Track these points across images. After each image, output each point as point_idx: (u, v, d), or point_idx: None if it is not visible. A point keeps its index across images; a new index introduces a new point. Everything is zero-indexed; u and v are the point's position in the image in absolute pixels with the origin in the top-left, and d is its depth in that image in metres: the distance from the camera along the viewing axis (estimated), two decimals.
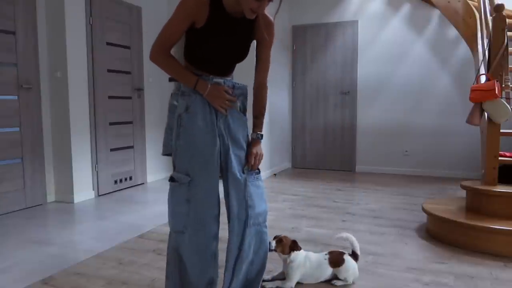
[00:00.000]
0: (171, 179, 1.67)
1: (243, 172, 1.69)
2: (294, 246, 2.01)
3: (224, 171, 1.70)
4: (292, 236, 2.82)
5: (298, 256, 2.03)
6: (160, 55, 1.62)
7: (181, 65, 1.66)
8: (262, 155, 1.74)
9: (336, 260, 2.07)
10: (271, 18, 1.73)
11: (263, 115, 1.79)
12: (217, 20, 1.59)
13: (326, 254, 2.10)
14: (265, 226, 1.75)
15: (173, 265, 1.70)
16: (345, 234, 2.15)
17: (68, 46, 3.75)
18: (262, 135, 1.76)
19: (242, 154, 1.71)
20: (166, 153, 1.76)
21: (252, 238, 1.70)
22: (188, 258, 1.66)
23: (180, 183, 1.64)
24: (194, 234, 1.65)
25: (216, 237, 1.69)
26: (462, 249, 2.58)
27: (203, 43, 1.62)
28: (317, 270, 2.06)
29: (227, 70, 1.72)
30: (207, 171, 1.64)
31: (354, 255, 2.11)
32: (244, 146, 1.72)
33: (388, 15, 5.39)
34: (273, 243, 1.97)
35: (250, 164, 1.69)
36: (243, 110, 1.75)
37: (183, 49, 1.71)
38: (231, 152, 1.67)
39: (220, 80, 1.66)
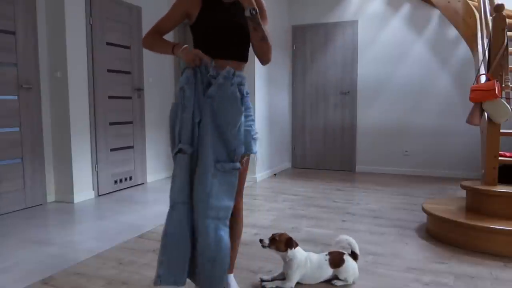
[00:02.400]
0: (180, 151, 1.68)
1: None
2: (289, 242, 2.00)
3: (197, 153, 1.69)
4: (292, 236, 2.82)
5: (298, 255, 2.03)
6: (148, 37, 1.78)
7: (163, 39, 1.79)
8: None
9: (336, 260, 2.07)
10: None
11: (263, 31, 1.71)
12: (210, 6, 1.71)
13: (326, 255, 2.10)
14: (225, 225, 1.69)
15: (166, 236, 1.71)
16: (341, 237, 2.14)
17: (68, 46, 3.75)
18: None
19: (220, 143, 1.68)
20: (176, 151, 1.73)
21: (211, 233, 1.65)
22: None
23: (184, 154, 1.67)
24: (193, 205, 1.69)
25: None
26: (462, 249, 2.58)
27: (202, 31, 1.73)
28: (317, 271, 2.06)
29: (235, 55, 1.76)
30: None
31: (354, 255, 2.11)
32: (228, 136, 1.68)
33: (388, 15, 5.39)
34: (266, 241, 1.98)
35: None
36: (240, 97, 1.70)
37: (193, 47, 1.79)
38: (209, 137, 1.66)
39: (231, 69, 1.68)
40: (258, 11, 1.64)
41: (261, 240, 1.99)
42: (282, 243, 1.99)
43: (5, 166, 3.46)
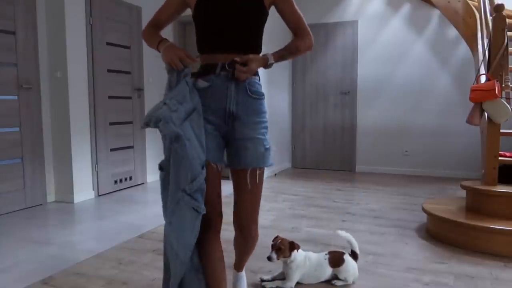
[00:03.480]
0: (160, 168, 1.54)
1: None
2: (292, 247, 2.00)
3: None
4: (292, 236, 2.82)
5: (298, 256, 2.03)
6: (145, 30, 1.66)
7: (155, 34, 1.63)
8: (247, 70, 1.49)
9: (336, 260, 2.07)
10: None
11: (286, 48, 1.62)
12: None
13: (326, 254, 2.10)
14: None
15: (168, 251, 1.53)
16: (344, 233, 2.14)
17: (68, 46, 3.75)
18: (269, 57, 1.55)
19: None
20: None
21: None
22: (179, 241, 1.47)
23: (167, 170, 1.50)
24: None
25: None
26: (462, 249, 2.58)
27: (199, 21, 1.54)
28: (317, 270, 2.06)
29: (235, 47, 1.53)
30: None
31: (354, 255, 2.11)
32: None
33: (388, 15, 5.39)
34: (274, 256, 1.95)
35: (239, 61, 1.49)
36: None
37: (196, 42, 1.62)
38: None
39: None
40: (271, 61, 1.53)
41: (269, 258, 1.96)
42: (287, 249, 1.99)
43: (5, 166, 3.46)
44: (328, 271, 2.07)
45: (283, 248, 1.98)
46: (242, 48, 1.54)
